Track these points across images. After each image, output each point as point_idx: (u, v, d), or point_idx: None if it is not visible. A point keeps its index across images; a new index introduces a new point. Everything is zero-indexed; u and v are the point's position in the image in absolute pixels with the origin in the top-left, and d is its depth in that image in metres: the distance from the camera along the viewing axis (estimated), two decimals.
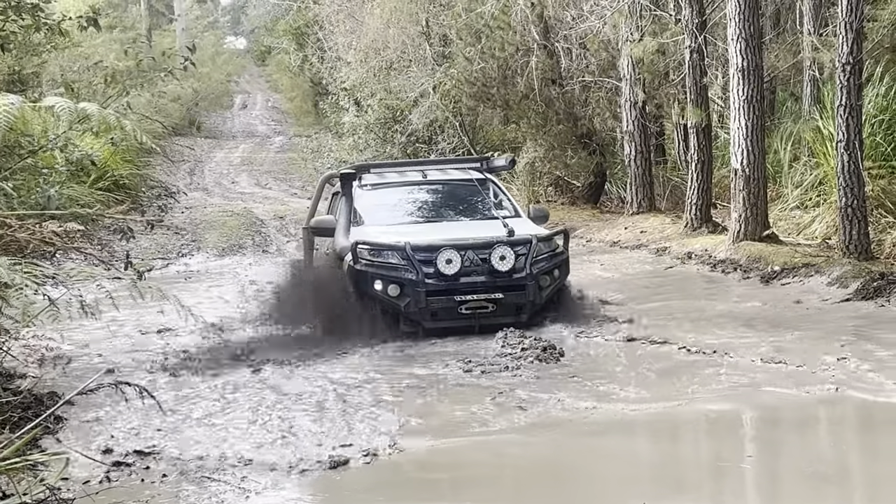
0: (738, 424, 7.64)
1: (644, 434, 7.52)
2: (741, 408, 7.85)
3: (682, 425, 7.61)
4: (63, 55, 23.39)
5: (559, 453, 6.98)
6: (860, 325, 10.63)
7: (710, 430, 7.52)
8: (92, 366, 10.21)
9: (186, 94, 39.28)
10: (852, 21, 13.58)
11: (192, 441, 7.33)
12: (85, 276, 4.94)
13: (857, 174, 13.81)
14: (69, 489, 6.10)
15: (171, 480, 6.49)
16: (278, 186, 32.78)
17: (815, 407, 7.81)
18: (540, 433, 7.32)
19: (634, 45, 20.22)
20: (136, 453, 7.03)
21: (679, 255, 16.84)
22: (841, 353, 9.10)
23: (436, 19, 26.93)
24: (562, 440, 7.17)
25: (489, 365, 9.38)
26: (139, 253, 18.43)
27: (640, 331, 10.61)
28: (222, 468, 6.65)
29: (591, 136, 24.98)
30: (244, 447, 7.11)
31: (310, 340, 10.64)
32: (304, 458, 6.76)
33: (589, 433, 7.29)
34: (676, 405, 7.84)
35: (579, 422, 7.51)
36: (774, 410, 7.74)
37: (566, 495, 6.16)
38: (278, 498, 6.17)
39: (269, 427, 7.63)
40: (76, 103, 4.68)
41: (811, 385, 8.16)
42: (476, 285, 10.75)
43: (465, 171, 13.10)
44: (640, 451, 7.20)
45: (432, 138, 29.07)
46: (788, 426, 7.55)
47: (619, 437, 7.31)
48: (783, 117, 22.53)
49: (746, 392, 8.12)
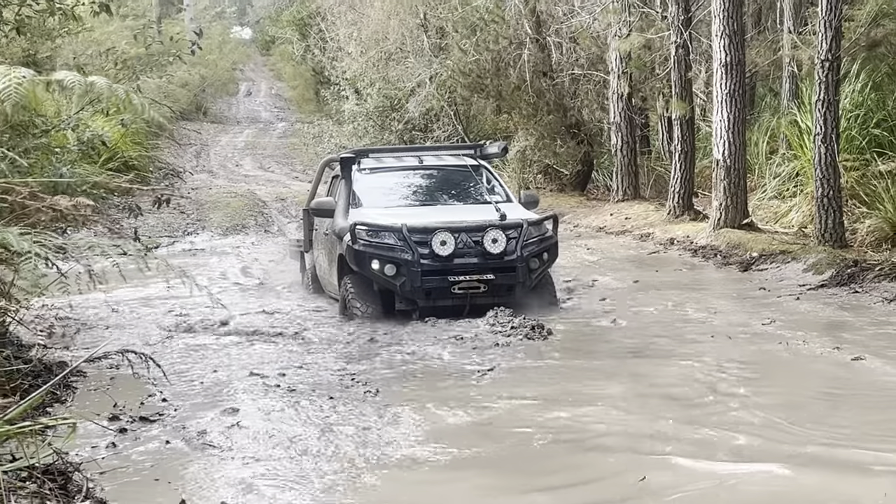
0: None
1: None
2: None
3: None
4: (77, 40, 23.17)
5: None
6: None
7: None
8: (100, 336, 10.16)
9: (194, 80, 39.15)
10: (832, 19, 13.52)
11: (197, 408, 7.27)
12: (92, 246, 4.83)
13: (833, 166, 13.78)
14: (77, 454, 6.03)
15: (174, 447, 6.42)
16: (280, 170, 32.69)
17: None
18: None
19: (622, 40, 20.16)
20: (141, 420, 6.96)
21: (662, 241, 16.82)
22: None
23: (433, 12, 26.83)
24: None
25: (480, 341, 9.34)
26: (147, 231, 18.35)
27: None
28: (226, 435, 6.59)
29: (579, 126, 24.95)
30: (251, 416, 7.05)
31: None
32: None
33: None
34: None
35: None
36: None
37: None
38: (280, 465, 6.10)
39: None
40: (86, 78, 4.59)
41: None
42: (469, 266, 10.67)
43: (459, 157, 13.00)
44: None
45: (428, 126, 28.99)
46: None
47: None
48: (762, 111, 22.51)
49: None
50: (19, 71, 4.26)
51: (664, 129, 24.27)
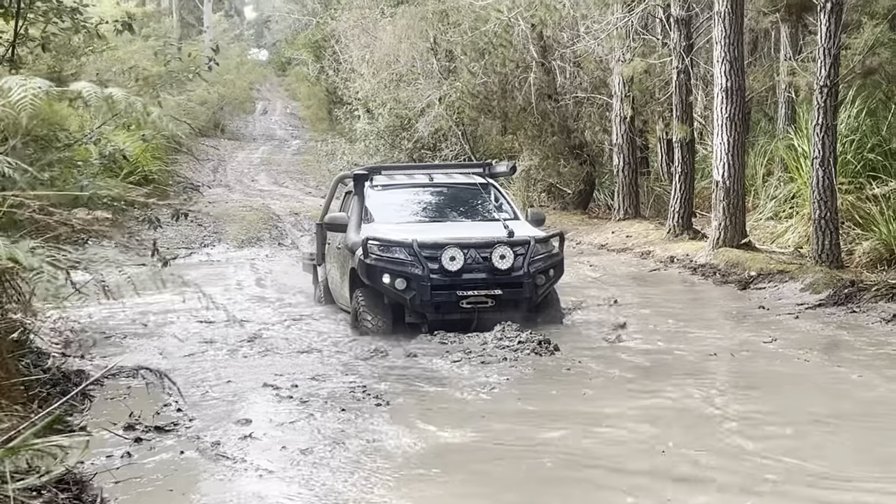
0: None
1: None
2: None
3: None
4: (101, 58, 23.09)
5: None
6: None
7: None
8: (119, 344, 9.98)
9: (212, 98, 39.04)
10: (830, 47, 13.35)
11: (211, 419, 7.06)
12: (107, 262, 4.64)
13: (830, 189, 13.58)
14: (92, 463, 5.83)
15: (188, 458, 6.22)
16: (294, 185, 32.51)
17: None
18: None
19: (625, 65, 20.01)
20: (156, 430, 6.76)
21: (662, 259, 16.62)
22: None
23: (443, 36, 26.73)
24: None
25: (488, 356, 9.12)
26: (165, 242, 18.19)
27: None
28: (239, 446, 6.39)
29: (582, 147, 24.81)
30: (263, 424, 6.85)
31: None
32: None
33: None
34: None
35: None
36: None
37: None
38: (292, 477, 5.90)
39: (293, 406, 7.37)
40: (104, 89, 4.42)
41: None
42: (477, 282, 10.47)
43: (468, 175, 12.82)
44: None
45: (437, 145, 28.86)
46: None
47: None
48: (757, 135, 22.34)
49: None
50: (35, 82, 4.08)
51: (663, 151, 24.18)
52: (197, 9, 52.67)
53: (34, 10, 9.58)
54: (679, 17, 18.37)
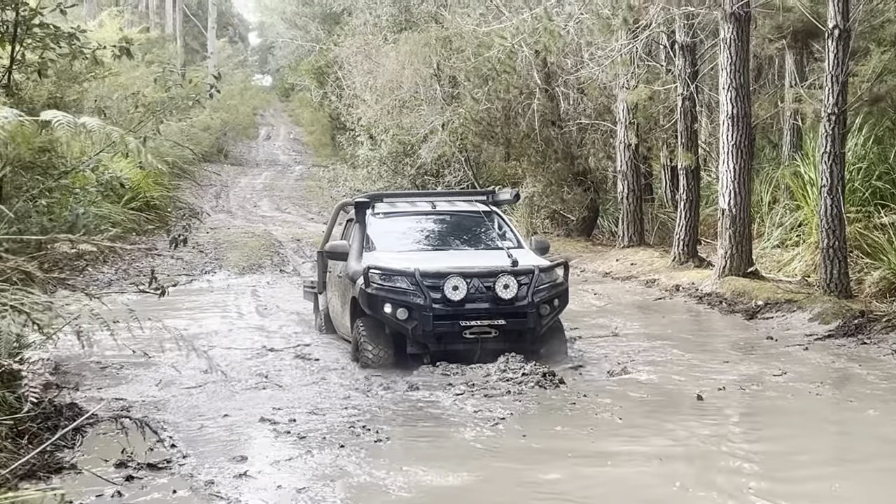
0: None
1: None
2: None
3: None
4: (103, 85, 22.97)
5: None
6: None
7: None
8: (114, 375, 9.75)
9: (216, 124, 38.94)
10: (838, 74, 13.16)
11: (206, 456, 6.82)
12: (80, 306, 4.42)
13: (839, 217, 13.35)
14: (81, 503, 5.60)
15: (181, 497, 5.97)
16: (297, 211, 32.31)
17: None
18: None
19: (630, 91, 19.83)
20: (149, 467, 6.52)
21: (667, 288, 16.37)
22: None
23: (446, 62, 26.62)
24: None
25: (492, 389, 8.87)
26: (166, 268, 17.97)
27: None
28: (234, 485, 6.15)
29: (585, 174, 24.65)
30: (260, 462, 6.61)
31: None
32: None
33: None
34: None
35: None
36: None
37: None
38: None
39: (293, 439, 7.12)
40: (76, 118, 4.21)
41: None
42: (480, 312, 10.21)
43: (471, 203, 12.61)
44: None
45: (440, 172, 28.74)
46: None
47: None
48: (761, 162, 22.15)
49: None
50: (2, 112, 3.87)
51: (666, 178, 24.00)
52: (201, 35, 52.69)
53: (31, 35, 9.39)
54: (684, 43, 18.21)
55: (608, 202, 25.59)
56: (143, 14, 50.25)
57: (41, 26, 9.52)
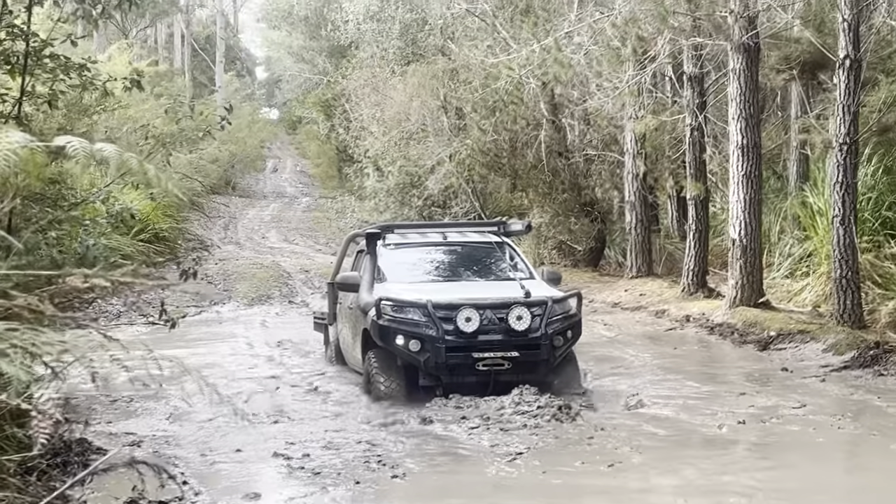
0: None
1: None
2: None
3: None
4: (113, 117, 22.87)
5: None
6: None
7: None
8: (124, 409, 9.54)
9: (224, 156, 38.89)
10: (849, 104, 12.98)
11: (218, 493, 6.60)
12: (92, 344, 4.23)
13: (851, 247, 13.14)
14: None
15: None
16: (304, 242, 32.13)
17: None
18: None
19: (638, 122, 19.70)
20: None
21: (678, 318, 16.13)
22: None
23: (453, 94, 26.55)
24: None
25: (507, 422, 8.64)
26: (175, 300, 17.76)
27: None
28: None
29: (593, 204, 24.48)
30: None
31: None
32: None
33: None
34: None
35: None
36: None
37: None
38: None
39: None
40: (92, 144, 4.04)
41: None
42: (493, 343, 9.99)
43: (482, 233, 12.43)
44: None
45: (446, 203, 28.58)
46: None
47: None
48: (767, 193, 21.95)
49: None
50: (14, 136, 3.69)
51: (673, 208, 23.81)
52: (209, 69, 52.77)
53: (41, 66, 9.25)
54: (692, 74, 18.10)
55: (615, 232, 25.39)
56: (152, 48, 50.44)
57: (52, 57, 9.37)
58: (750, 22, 15.10)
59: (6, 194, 4.56)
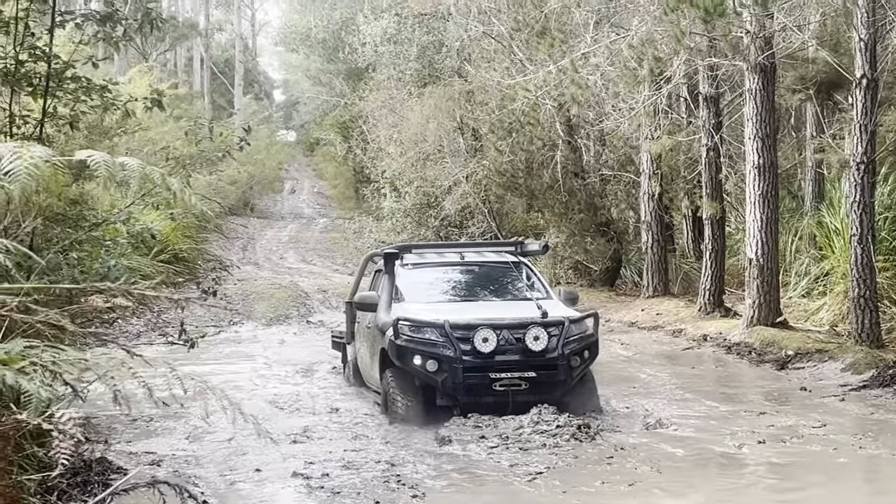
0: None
1: None
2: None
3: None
4: (133, 139, 22.94)
5: None
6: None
7: None
8: (143, 429, 9.49)
9: (242, 178, 38.97)
10: (867, 123, 12.91)
11: None
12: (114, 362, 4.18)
13: (869, 266, 13.03)
14: None
15: None
16: (322, 263, 32.10)
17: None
18: None
19: (654, 142, 19.65)
20: None
21: (695, 338, 16.03)
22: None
23: (470, 115, 26.55)
24: None
25: (526, 442, 8.55)
26: (194, 320, 17.73)
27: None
28: None
29: (608, 224, 24.43)
30: None
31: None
32: None
33: None
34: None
35: None
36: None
37: None
38: None
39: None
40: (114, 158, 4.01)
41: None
42: (510, 363, 9.91)
43: (500, 253, 12.36)
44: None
45: (463, 223, 28.55)
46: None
47: None
48: (782, 212, 21.84)
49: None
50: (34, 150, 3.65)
51: (688, 228, 23.72)
52: (228, 92, 53.02)
53: (63, 88, 9.26)
54: (708, 94, 18.05)
55: (631, 252, 25.32)
56: (172, 71, 50.66)
57: (73, 79, 9.38)
58: (766, 42, 15.06)
59: (28, 214, 4.53)
